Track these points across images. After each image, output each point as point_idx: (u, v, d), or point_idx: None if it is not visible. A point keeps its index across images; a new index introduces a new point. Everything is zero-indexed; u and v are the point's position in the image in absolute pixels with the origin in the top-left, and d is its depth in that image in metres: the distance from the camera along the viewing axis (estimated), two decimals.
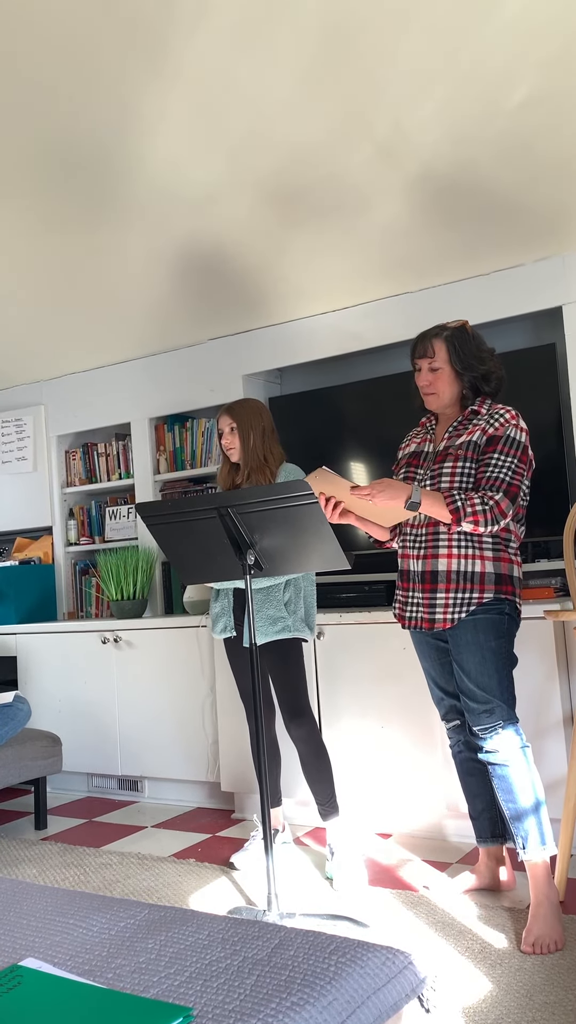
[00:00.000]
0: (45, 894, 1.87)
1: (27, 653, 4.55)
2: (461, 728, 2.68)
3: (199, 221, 3.22)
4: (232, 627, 3.11)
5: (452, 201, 3.07)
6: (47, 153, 2.76)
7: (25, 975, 1.41)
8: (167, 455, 4.56)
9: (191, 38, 2.28)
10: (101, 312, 4.04)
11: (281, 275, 3.65)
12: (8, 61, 2.34)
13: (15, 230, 3.24)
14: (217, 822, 3.74)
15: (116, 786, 4.32)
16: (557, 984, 2.12)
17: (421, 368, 2.62)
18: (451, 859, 3.07)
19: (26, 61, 2.35)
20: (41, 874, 3.19)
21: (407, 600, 2.62)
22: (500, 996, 2.08)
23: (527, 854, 2.43)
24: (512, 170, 2.89)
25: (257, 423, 3.10)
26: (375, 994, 1.35)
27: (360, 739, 3.42)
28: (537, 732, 3.03)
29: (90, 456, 4.88)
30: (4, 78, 2.41)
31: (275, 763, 3.22)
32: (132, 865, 3.22)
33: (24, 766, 3.70)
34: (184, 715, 4.01)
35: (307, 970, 1.37)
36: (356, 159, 2.83)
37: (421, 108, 2.58)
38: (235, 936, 1.54)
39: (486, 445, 2.50)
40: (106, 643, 4.26)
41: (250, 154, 2.80)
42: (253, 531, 2.52)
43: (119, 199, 3.06)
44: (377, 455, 3.92)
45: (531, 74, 2.45)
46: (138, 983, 1.38)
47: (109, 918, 1.68)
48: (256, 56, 2.37)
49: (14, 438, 5.03)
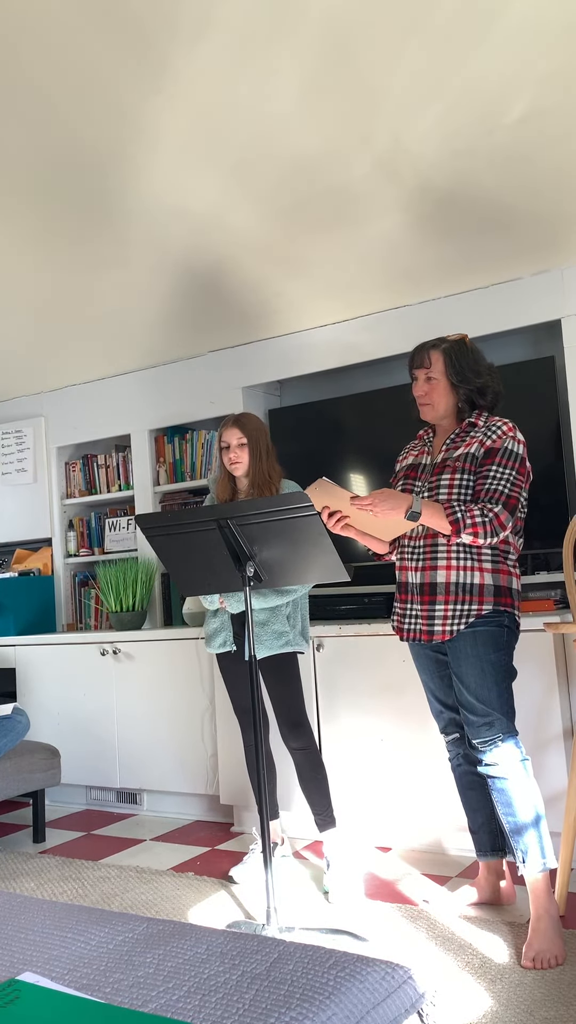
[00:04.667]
0: (43, 908, 1.86)
1: (26, 665, 4.54)
2: (460, 741, 2.68)
3: (199, 234, 3.24)
4: (231, 642, 3.10)
5: (451, 214, 3.09)
6: (47, 167, 2.78)
7: (23, 989, 1.40)
8: (167, 467, 4.56)
9: (192, 52, 2.30)
10: (101, 324, 4.05)
11: (281, 288, 3.67)
12: (8, 75, 2.35)
13: (16, 243, 3.26)
14: (216, 835, 3.73)
15: (115, 799, 4.30)
16: (558, 999, 2.11)
17: (418, 378, 2.63)
18: (451, 873, 3.05)
19: (26, 75, 2.36)
20: (39, 887, 3.17)
21: (405, 612, 2.61)
22: (500, 1011, 2.06)
23: (527, 868, 2.42)
24: (511, 183, 2.90)
25: (263, 438, 3.09)
26: (374, 1009, 1.35)
27: (359, 752, 3.41)
28: (537, 745, 3.02)
29: (90, 468, 4.89)
30: (5, 92, 2.42)
31: (271, 776, 3.21)
32: (131, 878, 3.20)
33: (22, 778, 3.69)
34: (183, 727, 4.00)
35: (306, 985, 1.36)
36: (355, 172, 2.84)
37: (420, 121, 2.59)
38: (234, 950, 1.53)
39: (484, 457, 2.50)
40: (105, 655, 4.26)
41: (250, 167, 2.82)
42: (253, 543, 2.52)
43: (119, 212, 3.07)
44: (376, 467, 3.93)
45: (530, 88, 2.47)
46: (136, 998, 1.38)
47: (107, 932, 1.67)
48: (256, 70, 2.38)
49: (14, 449, 5.04)
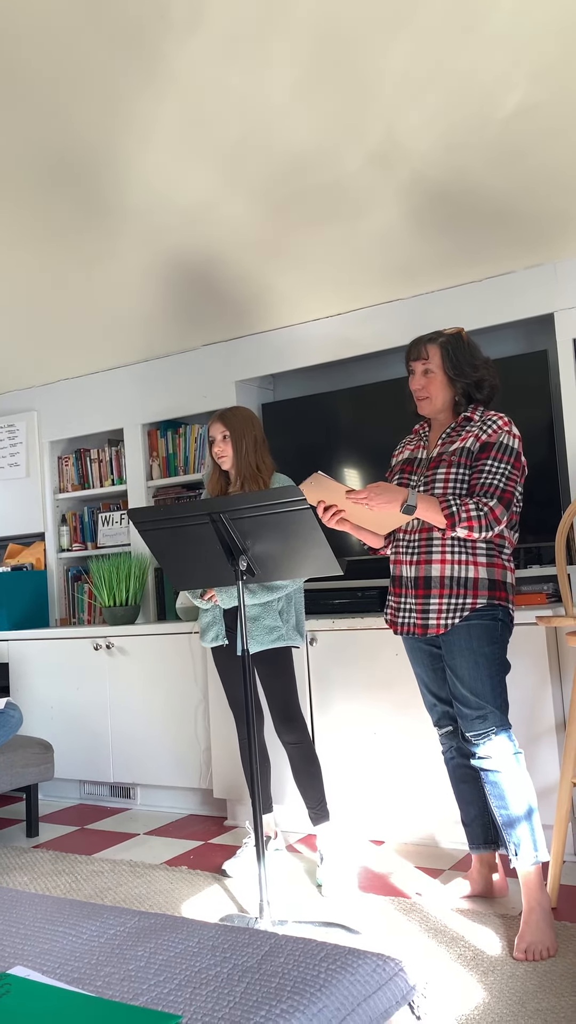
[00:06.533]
0: (35, 902, 1.86)
1: (19, 659, 4.53)
2: (454, 734, 2.68)
3: (192, 228, 3.23)
4: (223, 635, 3.11)
5: (444, 208, 3.08)
6: (39, 160, 2.77)
7: (14, 983, 1.40)
8: (160, 461, 4.55)
9: (184, 46, 2.29)
10: (94, 318, 4.04)
11: (274, 281, 3.66)
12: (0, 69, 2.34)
13: (7, 236, 3.24)
14: (209, 829, 3.73)
15: (108, 793, 4.30)
16: (549, 991, 2.11)
17: (415, 371, 2.63)
18: (444, 866, 3.06)
19: (17, 69, 2.35)
20: (32, 882, 3.17)
21: (399, 606, 2.61)
22: (492, 1003, 2.07)
23: (519, 861, 2.42)
24: (504, 177, 2.90)
25: (249, 431, 3.09)
26: (365, 1001, 1.35)
27: (352, 746, 3.42)
28: (530, 738, 3.03)
29: (83, 462, 4.87)
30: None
31: (264, 769, 3.22)
32: (124, 873, 3.20)
33: (16, 773, 3.69)
34: (176, 722, 4.00)
35: (297, 977, 1.37)
36: (349, 166, 2.84)
37: (413, 116, 2.59)
38: (225, 943, 1.53)
39: (479, 452, 2.50)
40: (98, 650, 4.25)
41: (243, 161, 2.81)
42: (246, 537, 2.52)
43: (112, 206, 3.06)
44: (371, 461, 3.92)
45: (523, 82, 2.46)
46: (127, 991, 1.38)
47: (99, 926, 1.67)
48: (249, 64, 2.37)
49: (7, 444, 5.02)
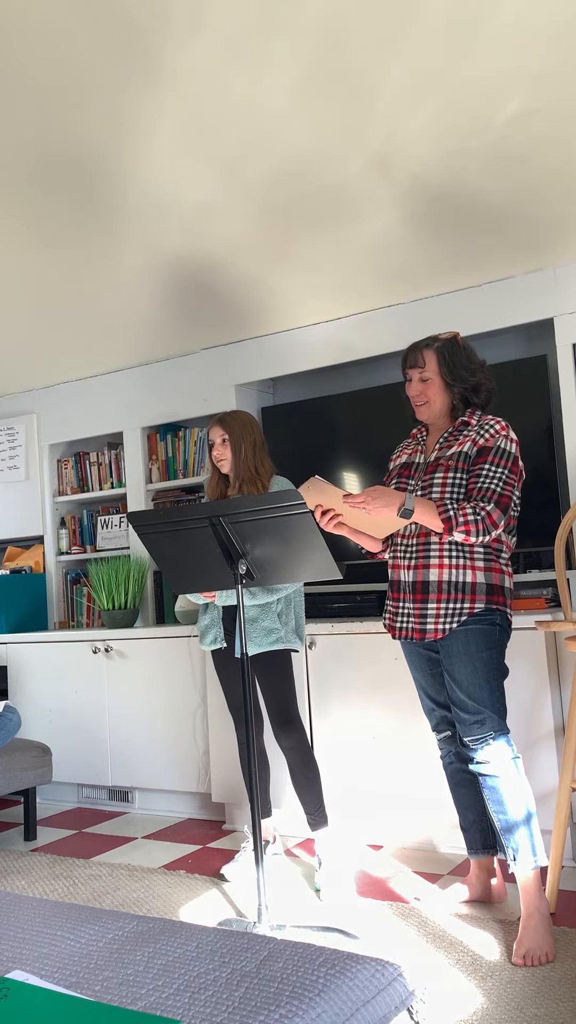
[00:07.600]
0: (33, 906, 1.86)
1: (17, 663, 4.53)
2: (452, 739, 2.68)
3: (192, 231, 3.23)
4: (222, 638, 3.11)
5: (444, 213, 3.09)
6: (38, 163, 2.77)
7: (12, 987, 1.40)
8: (159, 464, 4.56)
9: (185, 48, 2.29)
10: (94, 321, 4.04)
11: (274, 285, 3.66)
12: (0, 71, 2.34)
13: (7, 239, 3.24)
14: (208, 833, 3.73)
15: (106, 797, 4.30)
16: (548, 996, 2.11)
17: (412, 378, 2.63)
18: (442, 871, 3.06)
19: (16, 70, 2.35)
20: (30, 885, 3.16)
21: (398, 610, 2.61)
22: (490, 1008, 2.07)
23: (518, 866, 2.42)
24: (504, 182, 2.91)
25: (248, 435, 3.11)
26: (364, 1006, 1.35)
27: (351, 750, 3.42)
28: (528, 743, 3.03)
29: (82, 465, 4.88)
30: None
31: (264, 773, 3.21)
32: (122, 877, 3.20)
33: (14, 776, 3.68)
34: (175, 725, 4.00)
35: (296, 982, 1.36)
36: (349, 170, 2.84)
37: (413, 120, 2.59)
38: (224, 948, 1.53)
39: (477, 456, 2.50)
40: (97, 653, 4.25)
41: (243, 165, 2.81)
42: (245, 541, 2.52)
43: (112, 209, 3.06)
44: (369, 465, 3.93)
45: (523, 87, 2.47)
46: (126, 995, 1.38)
47: (97, 930, 1.67)
48: (250, 67, 2.38)
49: (6, 447, 5.02)
